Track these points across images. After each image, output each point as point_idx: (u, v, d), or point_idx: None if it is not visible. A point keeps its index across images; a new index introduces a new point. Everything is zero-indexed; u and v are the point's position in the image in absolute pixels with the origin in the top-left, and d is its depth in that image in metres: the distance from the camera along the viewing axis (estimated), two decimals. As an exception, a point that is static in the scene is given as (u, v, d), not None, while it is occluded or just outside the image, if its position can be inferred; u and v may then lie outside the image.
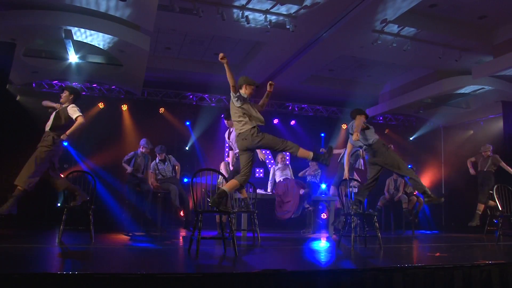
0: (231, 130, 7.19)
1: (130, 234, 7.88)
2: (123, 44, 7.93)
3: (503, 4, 7.76)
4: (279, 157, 9.11)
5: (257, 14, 7.79)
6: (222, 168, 8.30)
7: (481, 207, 8.89)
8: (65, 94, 6.10)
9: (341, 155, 9.13)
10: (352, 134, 6.23)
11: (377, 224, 6.24)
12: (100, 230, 7.26)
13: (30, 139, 9.77)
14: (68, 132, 5.80)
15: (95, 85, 10.76)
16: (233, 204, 7.21)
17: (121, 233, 6.92)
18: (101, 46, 8.13)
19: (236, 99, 5.13)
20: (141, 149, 8.73)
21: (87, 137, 10.17)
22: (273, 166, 9.31)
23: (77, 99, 6.14)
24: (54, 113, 6.03)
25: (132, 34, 7.80)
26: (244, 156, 5.26)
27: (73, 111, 5.90)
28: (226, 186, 5.10)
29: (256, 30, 8.30)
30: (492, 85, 9.80)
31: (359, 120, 6.09)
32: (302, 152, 5.11)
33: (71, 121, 5.90)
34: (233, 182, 5.16)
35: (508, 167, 8.77)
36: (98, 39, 7.80)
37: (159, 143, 9.12)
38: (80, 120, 5.85)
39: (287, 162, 9.35)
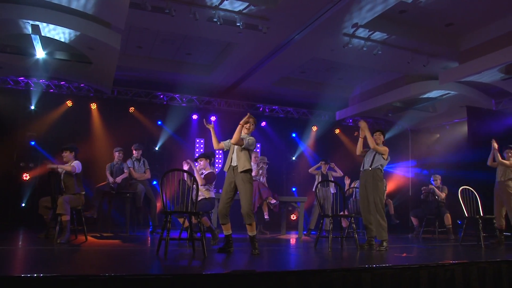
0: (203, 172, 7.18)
1: (98, 235, 7.75)
2: (93, 41, 7.76)
3: (469, 13, 7.96)
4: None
5: (230, 15, 7.74)
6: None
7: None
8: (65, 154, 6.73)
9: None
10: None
11: (354, 226, 6.43)
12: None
13: (-6, 136, 9.58)
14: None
15: (63, 82, 10.51)
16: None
17: (88, 234, 6.79)
18: (70, 43, 7.95)
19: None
20: (118, 155, 8.62)
21: (55, 136, 9.94)
22: None
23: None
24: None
25: (103, 31, 7.64)
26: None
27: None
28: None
29: (229, 30, 8.23)
30: (458, 90, 10.06)
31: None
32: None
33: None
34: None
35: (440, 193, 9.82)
36: (66, 35, 7.62)
37: (128, 143, 9.01)
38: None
39: (262, 165, 9.25)
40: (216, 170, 9.23)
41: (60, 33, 7.58)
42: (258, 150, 11.86)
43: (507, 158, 7.63)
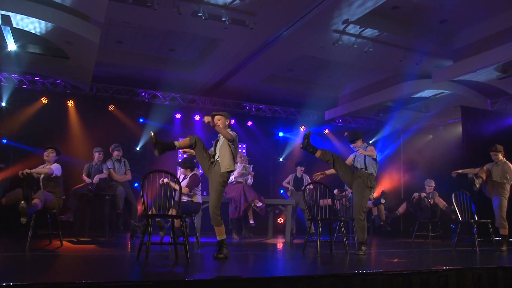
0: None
1: (74, 239, 7.52)
2: (70, 35, 7.49)
3: (463, 9, 7.91)
4: (237, 156, 8.82)
5: (215, 9, 7.57)
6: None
7: None
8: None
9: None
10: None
11: (343, 230, 6.30)
12: (41, 235, 6.84)
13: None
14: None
15: (37, 78, 10.20)
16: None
17: (63, 239, 6.52)
18: (44, 36, 7.64)
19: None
20: (98, 155, 8.36)
21: (29, 135, 9.69)
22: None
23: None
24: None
25: (81, 24, 7.36)
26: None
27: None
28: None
29: (214, 26, 8.10)
30: (452, 89, 9.97)
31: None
32: None
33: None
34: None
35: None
36: (42, 27, 7.31)
37: (108, 143, 8.78)
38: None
39: (246, 164, 9.00)
40: (200, 172, 8.95)
41: (35, 24, 7.25)
42: (244, 151, 11.63)
43: (494, 160, 7.43)
